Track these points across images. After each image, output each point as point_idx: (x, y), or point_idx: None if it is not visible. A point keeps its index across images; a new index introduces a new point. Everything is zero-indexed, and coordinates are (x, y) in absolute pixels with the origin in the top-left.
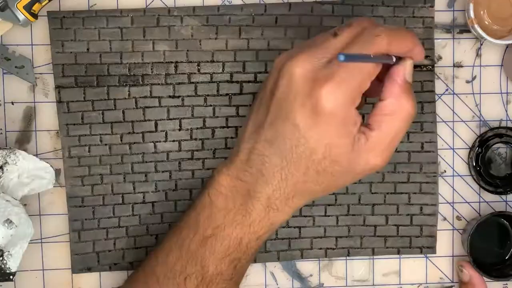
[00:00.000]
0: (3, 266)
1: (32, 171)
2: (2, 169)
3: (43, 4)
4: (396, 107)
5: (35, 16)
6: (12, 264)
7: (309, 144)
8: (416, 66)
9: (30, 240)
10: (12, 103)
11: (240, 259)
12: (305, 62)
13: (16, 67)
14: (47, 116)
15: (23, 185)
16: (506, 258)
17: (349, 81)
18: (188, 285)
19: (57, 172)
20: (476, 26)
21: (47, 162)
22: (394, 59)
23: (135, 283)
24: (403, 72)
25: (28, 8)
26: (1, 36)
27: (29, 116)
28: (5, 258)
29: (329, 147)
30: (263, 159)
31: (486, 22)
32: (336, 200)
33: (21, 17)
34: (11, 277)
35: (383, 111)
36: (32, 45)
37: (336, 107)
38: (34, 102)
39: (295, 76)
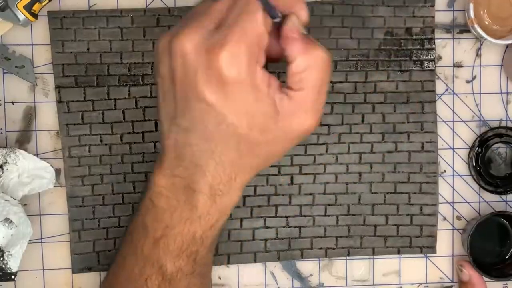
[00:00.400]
0: (3, 266)
1: (32, 171)
2: (2, 169)
3: (43, 4)
4: (308, 61)
5: (35, 16)
6: (12, 264)
7: (229, 119)
8: None
9: (30, 240)
10: (12, 103)
11: (198, 251)
12: (193, 35)
13: (16, 67)
14: (47, 116)
15: (23, 185)
16: (506, 258)
17: (243, 41)
18: (150, 285)
19: (57, 172)
20: (476, 26)
21: (47, 162)
22: (279, 17)
23: None
24: (295, 26)
25: (28, 8)
26: (1, 36)
27: (29, 116)
28: (6, 258)
29: (251, 115)
30: (191, 149)
31: (486, 22)
32: (336, 200)
33: (21, 17)
34: (12, 276)
35: (298, 70)
36: (32, 45)
37: (240, 71)
38: (34, 102)
39: (188, 52)
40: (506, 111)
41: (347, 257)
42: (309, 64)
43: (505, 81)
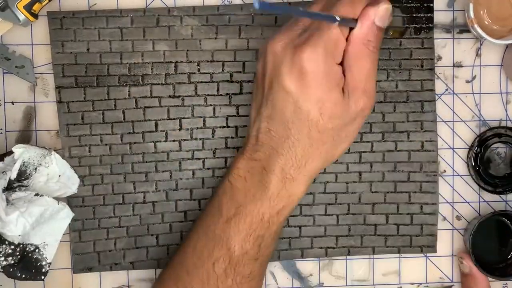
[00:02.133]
0: (40, 257)
1: (60, 179)
2: (36, 170)
3: (43, 4)
4: (358, 51)
5: (35, 16)
6: (49, 252)
7: (304, 106)
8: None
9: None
10: (12, 103)
11: (264, 236)
12: (283, 37)
13: (16, 67)
14: (47, 116)
15: (49, 191)
16: (508, 257)
17: (324, 41)
18: (216, 270)
19: None
20: (476, 26)
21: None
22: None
23: (166, 281)
24: (356, 33)
25: (28, 8)
26: (1, 36)
27: (29, 116)
28: (41, 249)
29: (322, 103)
30: (270, 135)
31: (486, 22)
32: (336, 199)
33: (21, 17)
34: (47, 268)
35: (349, 56)
36: (32, 45)
37: (318, 65)
38: (34, 102)
39: (278, 51)
40: (506, 111)
41: (347, 257)
42: (360, 55)
43: (505, 81)
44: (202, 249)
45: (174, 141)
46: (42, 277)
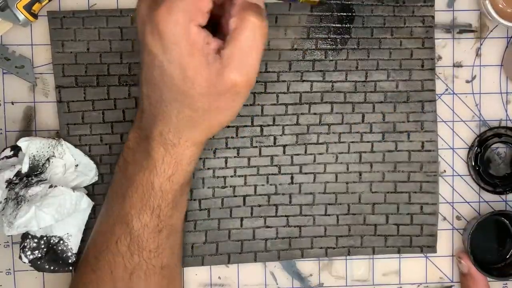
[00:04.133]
0: (65, 248)
1: (78, 168)
2: (49, 161)
3: (43, 4)
4: (239, 22)
5: (35, 16)
6: (73, 243)
7: (167, 69)
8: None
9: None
10: (12, 103)
11: (161, 206)
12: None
13: (16, 67)
14: (47, 116)
15: (68, 181)
16: (507, 257)
17: (179, 2)
18: (120, 248)
19: None
20: (487, 3)
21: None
22: None
23: (81, 268)
24: None
25: (28, 8)
26: (1, 36)
27: (29, 116)
28: (66, 240)
29: (183, 67)
30: (149, 100)
31: (501, 6)
32: (336, 199)
33: (21, 17)
34: (73, 258)
35: (230, 29)
36: (32, 45)
37: (175, 27)
38: (34, 102)
39: (143, 13)
40: (506, 111)
41: (347, 257)
42: (239, 24)
43: (505, 81)
44: (105, 231)
45: None
46: (70, 268)
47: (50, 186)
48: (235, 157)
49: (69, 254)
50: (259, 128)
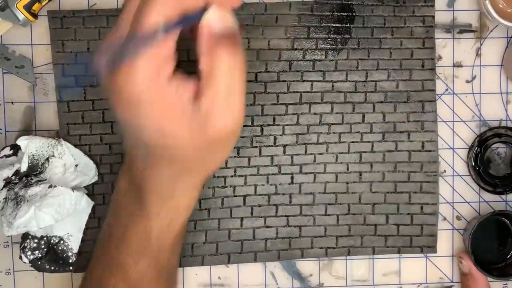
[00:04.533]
0: (66, 248)
1: (78, 168)
2: (48, 161)
3: (43, 4)
4: (211, 64)
5: (35, 16)
6: (74, 244)
7: (142, 130)
8: None
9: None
10: (12, 103)
11: (158, 255)
12: (104, 50)
13: (16, 67)
14: (47, 116)
15: (68, 181)
16: (508, 257)
17: (139, 60)
18: None
19: None
20: (487, 3)
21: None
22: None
23: None
24: (207, 22)
25: (28, 8)
26: (1, 36)
27: (29, 116)
28: (66, 240)
29: (161, 127)
30: (135, 156)
31: (501, 6)
32: (336, 199)
33: (21, 17)
34: (73, 258)
35: (202, 72)
36: (32, 45)
37: (140, 87)
38: (34, 102)
39: (102, 71)
40: (506, 111)
41: (347, 257)
42: (211, 68)
43: (505, 81)
44: (100, 274)
45: None
46: (70, 267)
47: (50, 186)
48: (235, 157)
49: (70, 254)
50: (259, 128)
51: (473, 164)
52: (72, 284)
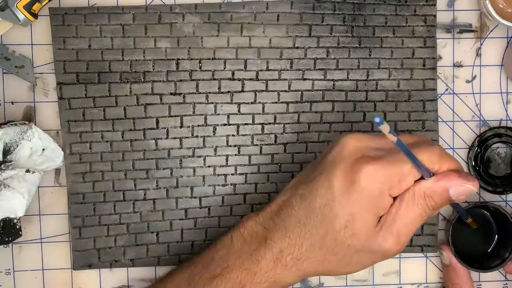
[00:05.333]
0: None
1: (44, 152)
2: (17, 144)
3: (43, 3)
4: (413, 197)
5: (35, 15)
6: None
7: (336, 208)
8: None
9: (30, 240)
10: (12, 102)
11: None
12: (360, 138)
13: (16, 66)
14: (47, 116)
15: (34, 164)
16: (489, 250)
17: (391, 169)
18: None
19: (57, 171)
20: (487, 2)
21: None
22: (431, 175)
23: None
24: (425, 184)
25: (28, 7)
26: (1, 36)
27: (29, 115)
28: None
29: (353, 217)
30: (291, 212)
31: (501, 6)
32: None
33: (21, 16)
34: (19, 224)
35: (405, 196)
36: (32, 44)
37: (372, 185)
38: (34, 102)
39: (348, 146)
40: (506, 111)
41: None
42: (413, 203)
43: (505, 81)
44: None
45: (175, 138)
46: (20, 233)
47: (27, 171)
48: (235, 155)
49: (15, 221)
50: (260, 126)
51: (473, 164)
52: (72, 284)
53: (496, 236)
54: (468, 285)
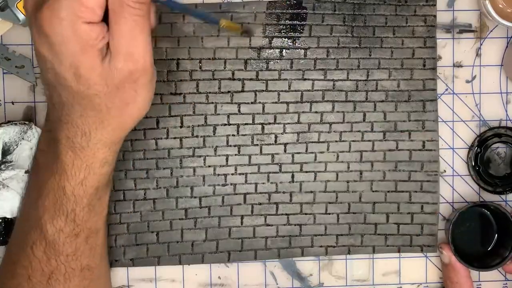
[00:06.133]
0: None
1: None
2: (17, 144)
3: None
4: (117, 8)
5: None
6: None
7: (59, 71)
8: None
9: None
10: (12, 103)
11: (75, 210)
12: None
13: (16, 66)
14: None
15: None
16: (489, 249)
17: (63, 1)
18: (36, 253)
19: None
20: (487, 2)
21: None
22: None
23: (2, 275)
24: None
25: None
26: (1, 36)
27: (29, 115)
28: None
29: (76, 66)
30: (51, 101)
31: (501, 6)
32: (337, 198)
33: (21, 16)
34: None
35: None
36: (32, 44)
37: (60, 26)
38: (34, 102)
39: (29, 12)
40: (506, 111)
41: (347, 256)
42: (116, 12)
43: (505, 81)
44: (20, 235)
45: (175, 138)
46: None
47: (27, 172)
48: (235, 155)
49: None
50: (260, 126)
51: (473, 164)
52: None
53: (496, 235)
54: (467, 284)
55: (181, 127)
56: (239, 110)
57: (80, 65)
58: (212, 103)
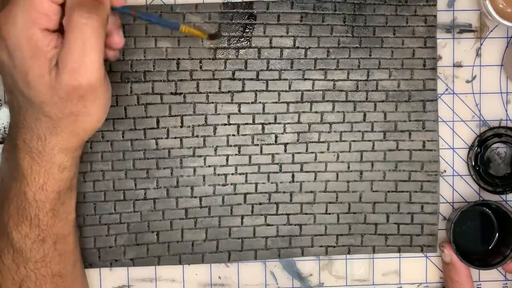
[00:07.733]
0: None
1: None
2: None
3: None
4: (68, 22)
5: None
6: None
7: (13, 74)
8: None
9: None
10: None
11: (38, 216)
12: None
13: None
14: None
15: None
16: (490, 248)
17: (18, 7)
18: (5, 261)
19: None
20: (487, 2)
21: None
22: None
23: None
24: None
25: None
26: None
27: None
28: None
29: (25, 72)
30: (11, 106)
31: (501, 6)
32: (337, 198)
33: None
34: None
35: (65, 28)
36: None
37: (15, 30)
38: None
39: None
40: (506, 111)
41: (347, 257)
42: (68, 26)
43: (505, 81)
44: None
45: (175, 138)
46: None
47: None
48: (236, 155)
49: None
50: (260, 126)
51: (473, 164)
52: None
53: (497, 234)
54: (468, 284)
55: (181, 127)
56: (239, 110)
57: (29, 71)
58: (213, 103)
